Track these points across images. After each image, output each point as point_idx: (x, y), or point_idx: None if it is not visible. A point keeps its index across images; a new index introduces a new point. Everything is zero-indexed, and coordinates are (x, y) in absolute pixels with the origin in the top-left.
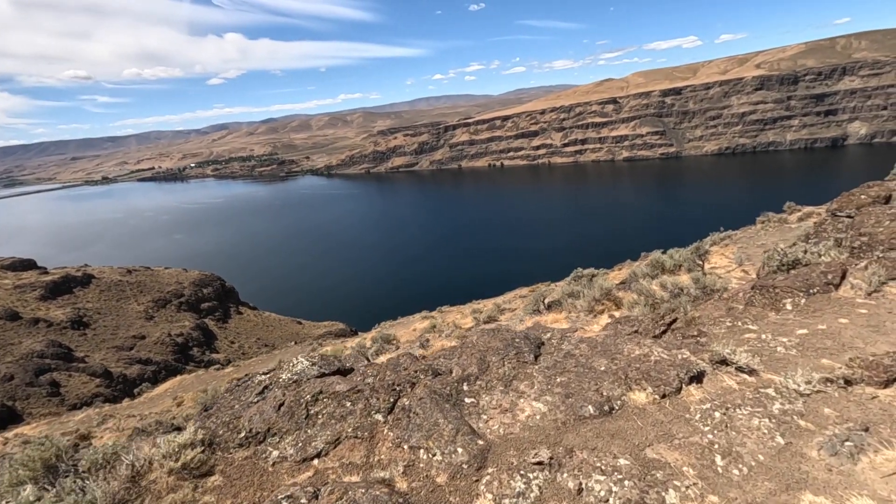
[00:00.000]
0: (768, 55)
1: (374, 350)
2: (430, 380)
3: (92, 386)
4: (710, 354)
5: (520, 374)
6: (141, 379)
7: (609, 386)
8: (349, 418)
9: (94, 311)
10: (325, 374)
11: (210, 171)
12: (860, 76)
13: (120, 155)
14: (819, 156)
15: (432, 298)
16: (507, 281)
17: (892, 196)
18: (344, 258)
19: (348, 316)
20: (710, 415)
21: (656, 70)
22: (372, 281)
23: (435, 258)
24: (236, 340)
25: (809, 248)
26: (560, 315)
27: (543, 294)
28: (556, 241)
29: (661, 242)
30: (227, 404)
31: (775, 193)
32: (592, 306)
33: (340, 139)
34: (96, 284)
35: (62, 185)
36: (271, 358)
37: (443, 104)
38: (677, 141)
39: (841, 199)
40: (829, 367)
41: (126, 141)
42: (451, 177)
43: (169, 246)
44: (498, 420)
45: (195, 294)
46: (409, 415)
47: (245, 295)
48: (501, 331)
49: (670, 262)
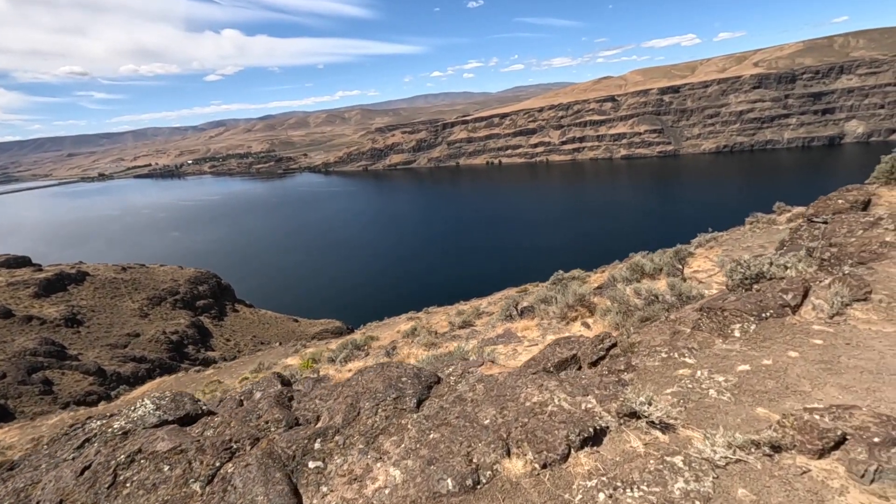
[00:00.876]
0: (766, 53)
1: (343, 356)
2: (280, 433)
3: (85, 384)
4: (620, 404)
5: (391, 426)
6: (135, 377)
7: (483, 449)
8: (161, 488)
9: (88, 308)
10: (165, 423)
11: (207, 168)
12: (858, 75)
13: (116, 151)
14: (816, 154)
15: (428, 296)
16: (502, 279)
17: (870, 201)
18: (341, 255)
19: (345, 314)
20: (592, 497)
21: (655, 68)
22: (369, 278)
23: (432, 255)
24: (232, 338)
25: (776, 259)
26: (532, 322)
27: (516, 300)
28: (553, 239)
29: (656, 241)
30: (35, 462)
31: (771, 192)
32: (565, 313)
33: (338, 136)
34: (90, 282)
35: (58, 182)
36: (253, 359)
37: (441, 101)
38: (675, 139)
39: (818, 204)
40: (763, 418)
41: (122, 137)
42: (448, 174)
43: (165, 243)
44: (339, 494)
45: (190, 292)
46: (227, 487)
47: (242, 292)
48: (390, 367)
49: (650, 266)
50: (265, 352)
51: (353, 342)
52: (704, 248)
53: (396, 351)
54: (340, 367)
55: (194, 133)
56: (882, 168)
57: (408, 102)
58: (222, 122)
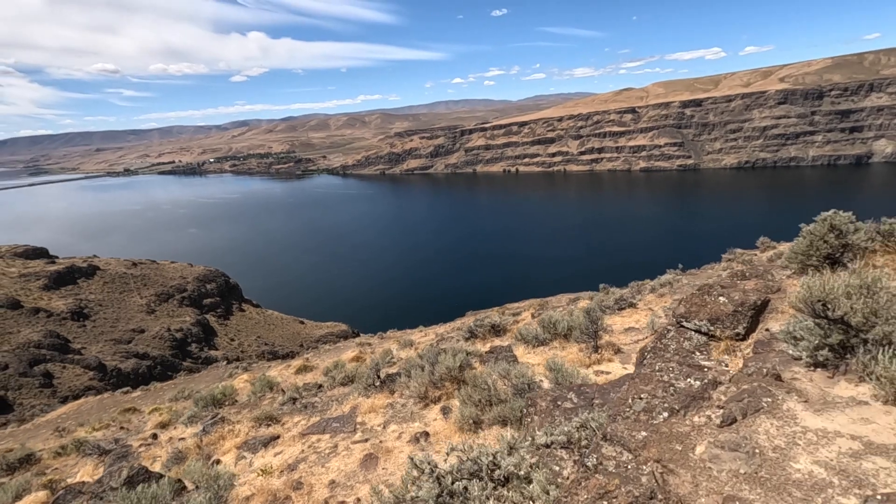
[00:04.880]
0: (793, 69)
1: (258, 393)
2: None
3: (85, 379)
4: None
5: None
6: (136, 374)
7: None
8: None
9: (95, 302)
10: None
11: (228, 167)
12: (888, 93)
13: (142, 148)
14: (842, 173)
15: (436, 305)
16: (506, 290)
17: (768, 301)
18: (354, 259)
19: (354, 318)
20: None
21: (677, 81)
22: (381, 283)
23: (443, 262)
24: (236, 338)
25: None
26: (386, 399)
27: (378, 364)
28: (564, 250)
29: (664, 258)
30: None
31: (790, 213)
32: (425, 392)
33: (357, 139)
34: (101, 276)
35: (85, 176)
36: (193, 379)
37: (461, 108)
38: (696, 153)
39: (693, 300)
40: None
41: (149, 134)
42: (465, 181)
43: (182, 240)
44: None
45: (198, 289)
46: None
47: (253, 292)
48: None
49: (564, 325)
50: (204, 373)
51: (264, 379)
52: (655, 295)
53: (221, 435)
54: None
55: (218, 132)
56: (798, 246)
57: (428, 108)
58: (246, 122)
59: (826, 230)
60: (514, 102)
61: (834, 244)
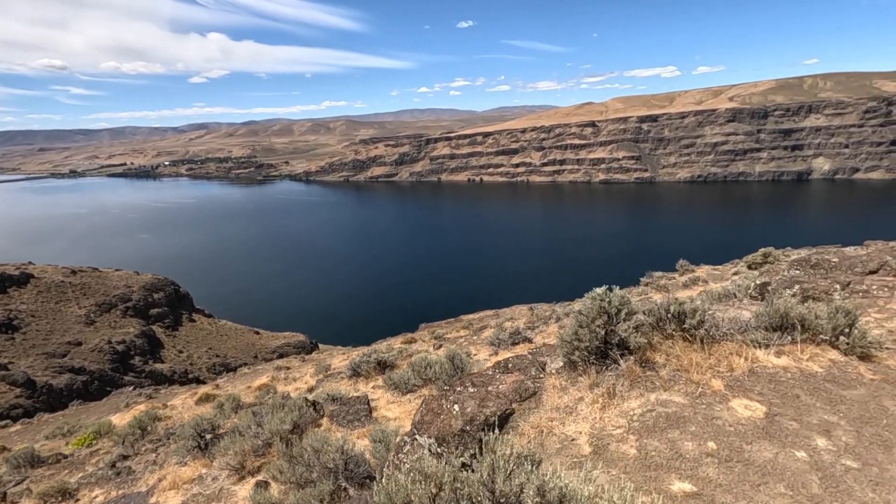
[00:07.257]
0: (741, 89)
1: (122, 436)
2: None
3: (10, 396)
4: None
5: None
6: (69, 390)
7: None
8: None
9: (27, 313)
10: None
11: (185, 171)
12: (825, 114)
13: (91, 149)
14: (785, 188)
15: (392, 316)
16: (466, 302)
17: (511, 414)
18: (315, 268)
19: (314, 328)
20: None
21: (635, 97)
22: (342, 293)
23: (406, 273)
24: (185, 349)
25: None
26: (200, 469)
27: (199, 424)
28: (526, 262)
29: (620, 270)
30: None
31: (736, 228)
32: (243, 461)
33: (322, 146)
34: (34, 284)
35: (26, 177)
36: (87, 409)
37: (427, 117)
38: (652, 166)
39: (429, 405)
40: None
41: (99, 135)
42: (430, 189)
43: (131, 246)
44: None
45: (144, 299)
46: None
47: (207, 301)
48: None
49: (434, 371)
50: (104, 400)
51: (152, 417)
52: (558, 326)
53: None
54: None
55: (174, 134)
56: (567, 332)
57: (394, 116)
58: (204, 124)
59: (596, 313)
60: (479, 113)
61: (600, 335)
